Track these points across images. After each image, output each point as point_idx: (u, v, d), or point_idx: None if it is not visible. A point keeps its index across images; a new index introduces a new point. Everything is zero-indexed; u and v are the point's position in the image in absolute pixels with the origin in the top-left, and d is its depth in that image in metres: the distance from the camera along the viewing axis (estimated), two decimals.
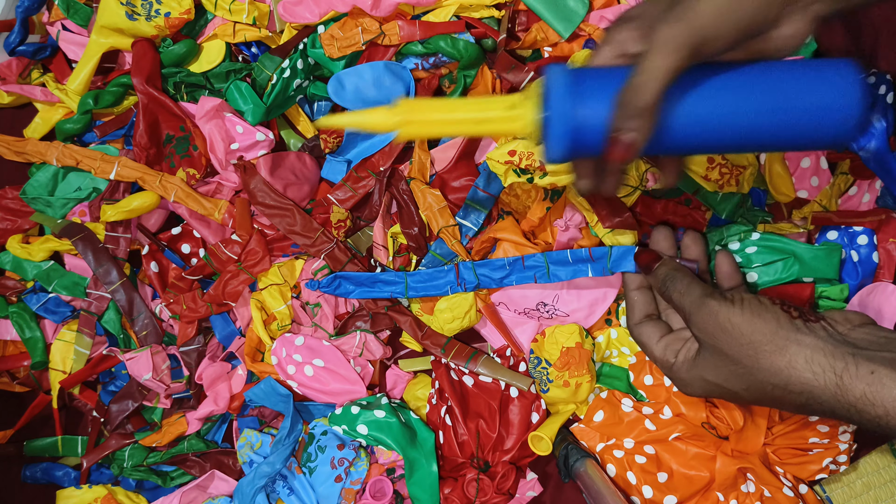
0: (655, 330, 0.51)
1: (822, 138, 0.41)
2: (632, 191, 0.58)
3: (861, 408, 0.39)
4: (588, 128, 0.41)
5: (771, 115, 0.40)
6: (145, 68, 0.64)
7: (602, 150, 0.41)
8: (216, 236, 0.65)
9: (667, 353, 0.49)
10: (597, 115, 0.40)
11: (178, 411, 0.64)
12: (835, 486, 0.58)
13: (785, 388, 0.42)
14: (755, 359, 0.43)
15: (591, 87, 0.41)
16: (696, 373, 0.46)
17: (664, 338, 0.50)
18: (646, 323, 0.51)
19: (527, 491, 0.60)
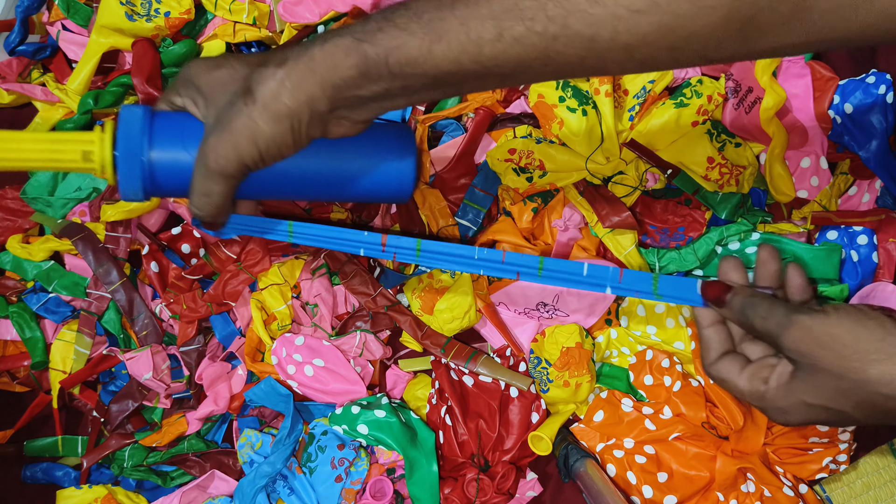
0: (734, 364, 0.46)
1: (382, 198, 0.49)
2: (631, 190, 0.58)
3: None
4: (163, 170, 0.42)
5: (337, 184, 0.46)
6: (145, 68, 0.64)
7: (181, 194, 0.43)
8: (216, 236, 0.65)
9: (754, 382, 0.44)
10: (171, 158, 0.42)
11: (178, 411, 0.64)
12: (835, 485, 0.58)
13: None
14: (862, 371, 0.39)
15: (165, 131, 0.42)
16: (796, 398, 0.42)
17: (746, 369, 0.46)
18: (722, 360, 0.47)
19: (527, 491, 0.60)
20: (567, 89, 0.59)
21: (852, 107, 0.59)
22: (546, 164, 0.58)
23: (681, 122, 0.58)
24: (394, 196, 0.47)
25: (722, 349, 0.47)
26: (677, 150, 0.59)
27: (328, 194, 0.47)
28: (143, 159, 0.41)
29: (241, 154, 0.39)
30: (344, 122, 0.40)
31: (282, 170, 0.42)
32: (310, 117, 0.38)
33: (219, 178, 0.40)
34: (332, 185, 0.45)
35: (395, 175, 0.46)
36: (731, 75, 0.62)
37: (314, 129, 0.39)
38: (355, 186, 0.46)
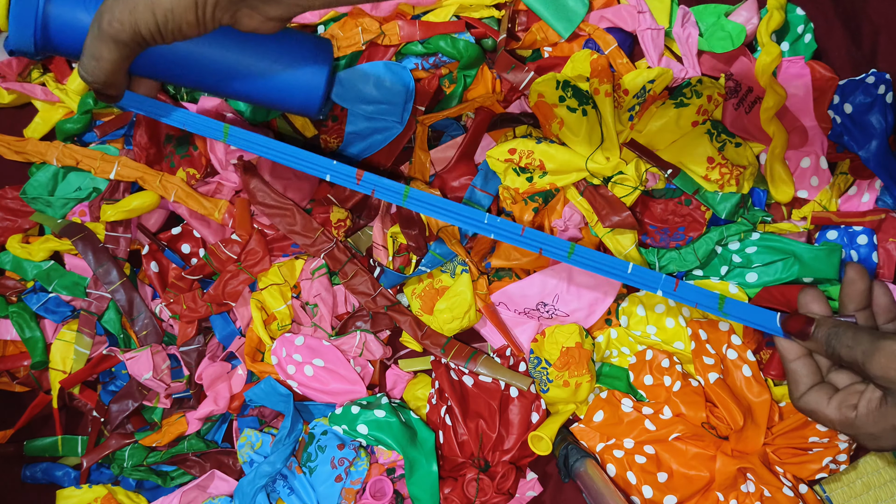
0: (822, 394, 0.46)
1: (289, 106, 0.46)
2: (631, 190, 0.58)
3: None
4: (58, 25, 0.40)
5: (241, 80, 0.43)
6: None
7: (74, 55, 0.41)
8: (216, 236, 0.65)
9: (843, 410, 0.44)
10: (68, 13, 0.40)
11: (178, 411, 0.64)
12: (835, 485, 0.58)
13: None
14: None
15: None
16: (888, 422, 0.42)
17: (834, 398, 0.45)
18: (810, 391, 0.46)
19: (527, 491, 0.60)
20: (567, 89, 0.59)
21: (852, 107, 0.59)
22: (546, 163, 0.58)
23: (681, 122, 0.58)
24: (300, 106, 0.45)
25: (811, 382, 0.47)
26: (677, 149, 0.59)
27: (231, 90, 0.45)
28: (38, 8, 0.40)
29: (136, 20, 0.36)
30: (256, 14, 0.38)
31: (184, 52, 0.40)
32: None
33: (111, 42, 0.37)
34: (234, 79, 0.43)
35: (304, 84, 0.44)
36: (731, 75, 0.62)
37: (221, 12, 0.37)
38: (260, 87, 0.44)
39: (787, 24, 0.63)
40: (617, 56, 0.62)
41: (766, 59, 0.59)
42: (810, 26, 0.63)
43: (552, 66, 0.63)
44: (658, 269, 0.60)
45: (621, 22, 0.62)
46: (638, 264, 0.59)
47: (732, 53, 0.62)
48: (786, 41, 0.64)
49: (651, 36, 0.62)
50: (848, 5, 0.62)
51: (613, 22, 0.63)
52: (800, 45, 0.64)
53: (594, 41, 0.63)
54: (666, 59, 0.63)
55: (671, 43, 0.64)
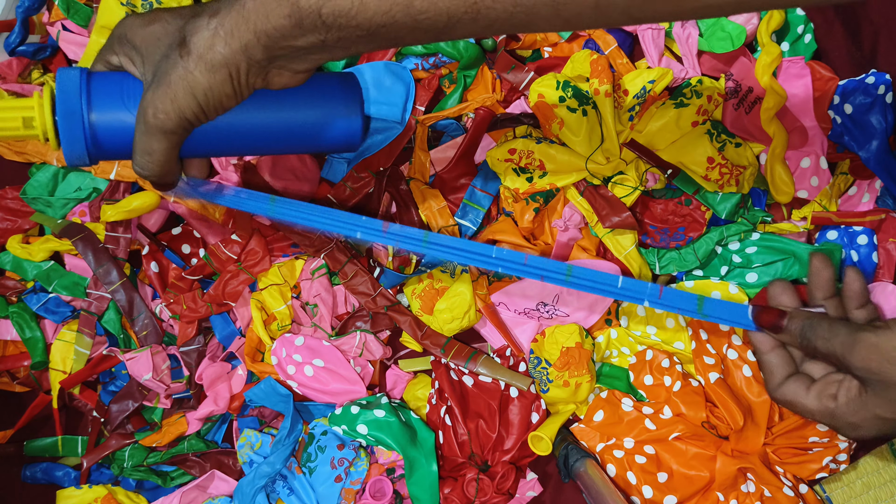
0: (800, 384, 0.46)
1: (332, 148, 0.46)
2: (631, 191, 0.58)
3: None
4: (105, 131, 0.41)
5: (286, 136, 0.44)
6: None
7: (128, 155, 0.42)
8: (216, 236, 0.65)
9: (823, 400, 0.44)
10: (112, 118, 0.41)
11: (178, 411, 0.64)
12: (835, 485, 0.58)
13: None
14: None
15: (103, 91, 0.41)
16: (868, 412, 0.43)
17: (812, 388, 0.45)
18: (787, 382, 0.47)
19: (527, 491, 0.60)
20: (567, 89, 0.59)
21: (852, 107, 0.59)
22: (546, 164, 0.58)
23: (681, 123, 0.58)
24: (343, 145, 0.46)
25: (785, 373, 0.47)
26: (677, 150, 0.59)
27: (278, 147, 0.46)
28: (84, 122, 0.40)
29: (180, 107, 0.38)
30: (284, 71, 0.39)
31: (227, 124, 0.41)
32: (247, 66, 0.37)
33: (159, 134, 0.39)
34: (280, 137, 0.44)
35: (343, 123, 0.45)
36: (731, 75, 0.62)
37: (254, 77, 0.38)
38: (304, 137, 0.45)
39: (787, 25, 0.63)
40: (617, 56, 0.62)
41: (767, 59, 0.59)
42: (810, 26, 0.63)
43: (552, 67, 0.63)
44: (658, 270, 0.60)
45: None
46: (638, 264, 0.59)
47: (732, 54, 0.62)
48: (786, 41, 0.64)
49: (651, 36, 0.62)
50: (848, 5, 0.62)
51: None
52: (800, 46, 0.64)
53: (594, 41, 0.63)
54: (666, 59, 0.63)
55: (671, 43, 0.64)
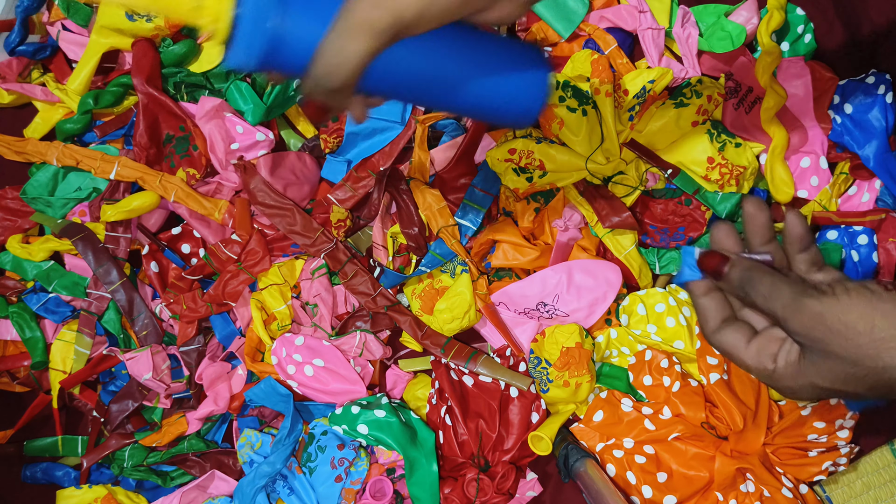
0: (739, 335, 0.44)
1: (508, 114, 0.43)
2: (631, 191, 0.58)
3: None
4: (291, 40, 0.37)
5: (466, 86, 0.41)
6: (145, 68, 0.64)
7: (299, 73, 0.38)
8: (216, 236, 0.65)
9: (762, 359, 0.43)
10: (304, 28, 0.37)
11: (178, 411, 0.64)
12: (834, 486, 0.58)
13: None
14: (878, 358, 0.38)
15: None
16: (804, 379, 0.41)
17: (753, 341, 0.44)
18: (725, 329, 0.45)
19: (527, 491, 0.60)
20: (567, 89, 0.58)
21: (852, 107, 0.59)
22: (546, 164, 0.58)
23: (681, 122, 0.58)
24: (521, 113, 0.43)
25: (721, 316, 0.45)
26: (677, 149, 0.59)
27: (455, 100, 0.42)
28: (269, 24, 0.36)
29: (398, 5, 0.35)
30: (505, 4, 0.37)
31: (413, 65, 0.39)
32: None
33: (365, 33, 0.35)
34: (463, 86, 0.41)
35: (529, 88, 0.42)
36: (731, 75, 0.62)
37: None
38: (485, 93, 0.41)
39: (787, 24, 0.63)
40: (617, 56, 0.62)
41: (767, 59, 0.59)
42: (810, 26, 0.63)
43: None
44: (658, 270, 0.60)
45: (621, 22, 0.62)
46: (638, 264, 0.59)
47: (732, 53, 0.62)
48: (786, 41, 0.64)
49: (652, 36, 0.62)
50: (848, 5, 0.62)
51: (613, 22, 0.63)
52: (800, 45, 0.64)
53: (594, 41, 0.63)
54: (666, 58, 0.63)
55: (671, 43, 0.64)
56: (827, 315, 0.39)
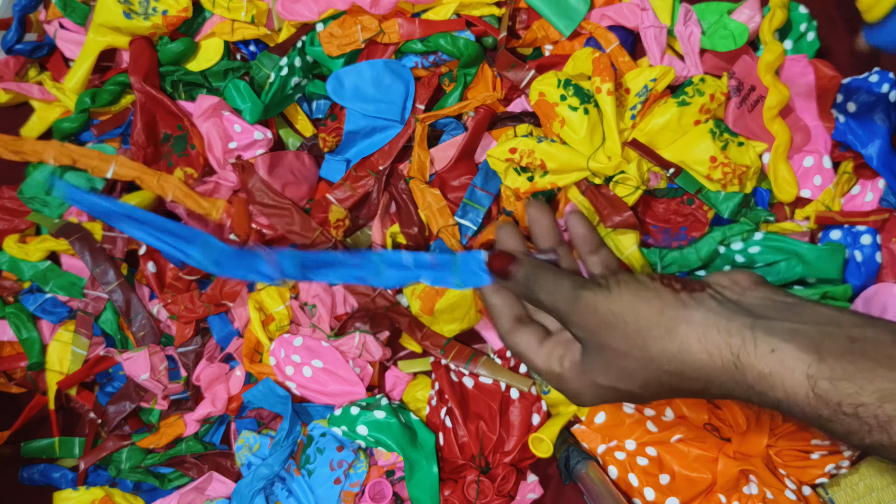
0: (531, 336, 0.44)
1: None
2: (633, 190, 0.58)
3: (760, 390, 0.35)
4: None
5: None
6: (143, 67, 0.63)
7: None
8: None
9: (551, 362, 0.42)
10: None
11: (176, 413, 0.64)
12: (837, 488, 0.57)
13: (681, 375, 0.37)
14: (645, 348, 0.37)
15: None
16: (586, 379, 0.41)
17: (544, 343, 0.44)
18: (517, 329, 0.44)
19: (528, 493, 0.60)
20: (568, 87, 0.58)
21: (856, 105, 0.59)
22: (547, 163, 0.58)
23: (683, 121, 0.58)
24: None
25: (513, 315, 0.45)
26: (679, 149, 0.58)
27: None
28: None
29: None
30: None
31: None
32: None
33: None
34: None
35: None
36: (733, 74, 0.62)
37: None
38: None
39: (790, 23, 0.63)
40: (618, 54, 0.61)
41: (769, 57, 0.59)
42: (813, 24, 0.63)
43: (553, 65, 0.62)
44: (660, 269, 0.60)
45: (623, 20, 0.62)
46: (640, 264, 0.58)
47: (735, 52, 0.62)
48: (789, 39, 0.63)
49: (654, 34, 0.62)
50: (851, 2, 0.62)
51: (615, 20, 0.62)
52: (803, 44, 0.63)
53: (595, 39, 0.62)
54: (668, 57, 0.63)
55: (673, 41, 0.64)
56: (599, 306, 0.39)
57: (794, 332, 0.34)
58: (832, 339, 0.34)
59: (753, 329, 0.35)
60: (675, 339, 0.37)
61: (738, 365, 0.35)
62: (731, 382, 0.36)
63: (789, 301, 0.37)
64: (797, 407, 0.34)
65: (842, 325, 0.35)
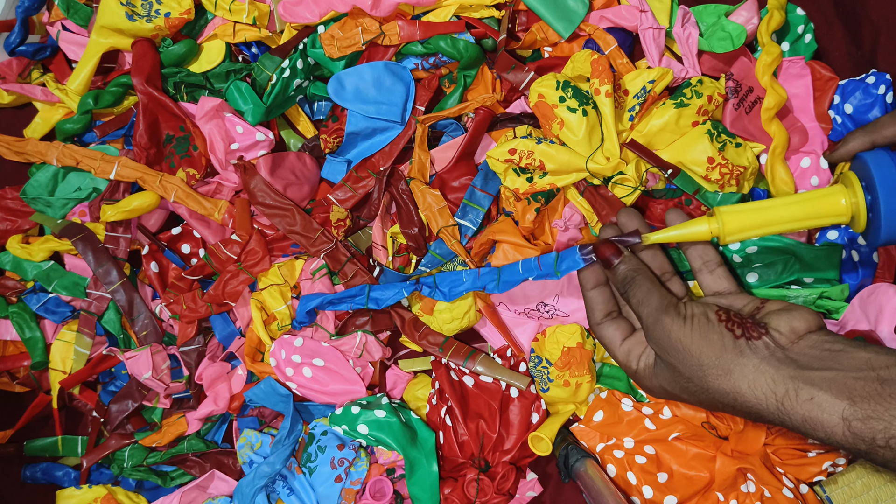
0: (618, 331, 0.51)
1: None
2: (631, 191, 0.58)
3: (805, 430, 0.41)
4: None
5: None
6: (145, 68, 0.64)
7: None
8: (216, 236, 0.65)
9: (630, 358, 0.49)
10: None
11: (178, 411, 0.64)
12: (835, 486, 0.58)
13: (734, 408, 0.43)
14: (704, 381, 0.44)
15: None
16: (657, 382, 0.48)
17: (627, 340, 0.50)
18: (607, 323, 0.51)
19: (527, 491, 0.60)
20: (567, 89, 0.58)
21: (852, 107, 0.59)
22: (546, 164, 0.58)
23: (681, 122, 0.58)
24: None
25: (605, 310, 0.51)
26: (677, 150, 0.59)
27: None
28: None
29: None
30: None
31: None
32: None
33: None
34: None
35: None
36: (731, 75, 0.62)
37: None
38: None
39: (788, 24, 0.63)
40: (617, 56, 0.62)
41: (767, 59, 0.59)
42: (810, 26, 0.63)
43: (552, 67, 0.63)
44: None
45: (622, 21, 0.62)
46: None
47: (733, 53, 0.62)
48: (786, 41, 0.64)
49: (653, 35, 0.62)
50: (848, 5, 0.62)
51: (614, 22, 0.63)
52: (800, 46, 0.64)
53: (594, 41, 0.63)
54: (666, 58, 0.63)
55: (671, 43, 0.64)
56: (673, 334, 0.45)
57: (831, 380, 0.40)
58: (865, 382, 0.39)
59: (795, 380, 0.41)
60: (729, 381, 0.43)
61: (783, 410, 0.41)
62: (779, 420, 0.41)
63: (835, 349, 0.42)
64: (838, 443, 0.39)
65: (875, 368, 0.40)
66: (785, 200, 0.48)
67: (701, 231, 0.49)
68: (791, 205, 0.47)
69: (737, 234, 0.48)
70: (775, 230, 0.48)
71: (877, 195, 0.45)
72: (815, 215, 0.46)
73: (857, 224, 0.46)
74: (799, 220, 0.47)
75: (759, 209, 0.48)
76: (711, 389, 0.44)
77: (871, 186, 0.45)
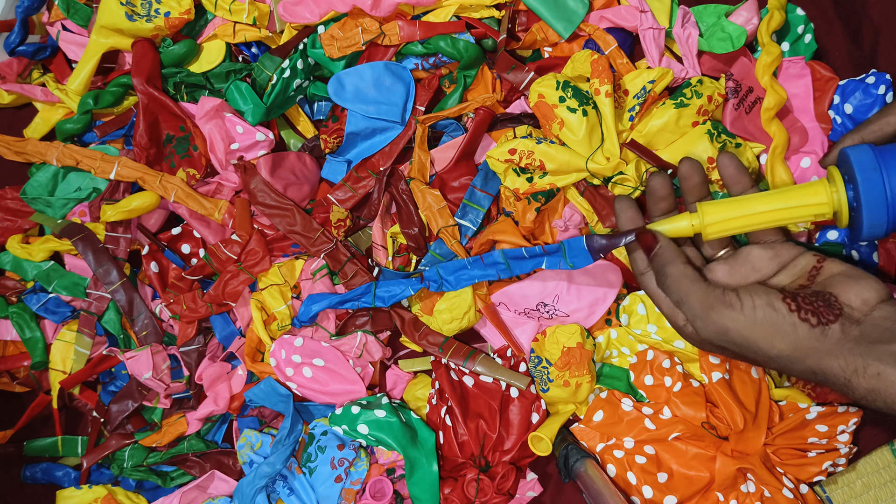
0: None
1: None
2: (631, 191, 0.58)
3: (865, 402, 0.41)
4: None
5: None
6: (145, 68, 0.64)
7: None
8: (216, 236, 0.65)
9: (677, 316, 0.48)
10: None
11: (178, 411, 0.64)
12: (835, 486, 0.58)
13: (793, 375, 0.44)
14: (770, 362, 0.44)
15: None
16: (706, 342, 0.46)
17: None
18: (650, 273, 0.50)
19: (527, 491, 0.60)
20: (567, 89, 0.58)
21: (852, 107, 0.59)
22: (546, 164, 0.58)
23: (681, 123, 0.58)
24: None
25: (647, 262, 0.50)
26: (677, 150, 0.59)
27: None
28: (887, 194, 0.43)
29: None
30: None
31: None
32: None
33: None
34: None
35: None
36: (731, 75, 0.62)
37: None
38: None
39: (788, 25, 0.63)
40: (617, 56, 0.62)
41: (767, 59, 0.59)
42: (810, 26, 0.63)
43: (552, 67, 0.63)
44: None
45: (622, 21, 0.62)
46: None
47: (733, 54, 0.62)
48: (786, 41, 0.64)
49: (652, 36, 0.62)
50: (848, 5, 0.62)
51: (614, 22, 0.63)
52: (800, 46, 0.64)
53: (594, 41, 0.63)
54: (666, 59, 0.63)
55: (671, 43, 0.64)
56: (731, 325, 0.43)
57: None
58: None
59: (865, 357, 0.41)
60: (801, 364, 0.43)
61: (849, 385, 0.41)
62: (842, 392, 0.42)
63: None
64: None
65: None
66: (765, 193, 0.47)
67: (683, 227, 0.48)
68: (770, 196, 0.46)
69: (718, 227, 0.47)
70: (757, 223, 0.47)
71: (857, 186, 0.44)
72: (796, 207, 0.46)
73: (840, 219, 0.46)
74: (780, 212, 0.46)
75: (738, 201, 0.47)
76: (775, 367, 0.44)
77: (853, 178, 0.44)
